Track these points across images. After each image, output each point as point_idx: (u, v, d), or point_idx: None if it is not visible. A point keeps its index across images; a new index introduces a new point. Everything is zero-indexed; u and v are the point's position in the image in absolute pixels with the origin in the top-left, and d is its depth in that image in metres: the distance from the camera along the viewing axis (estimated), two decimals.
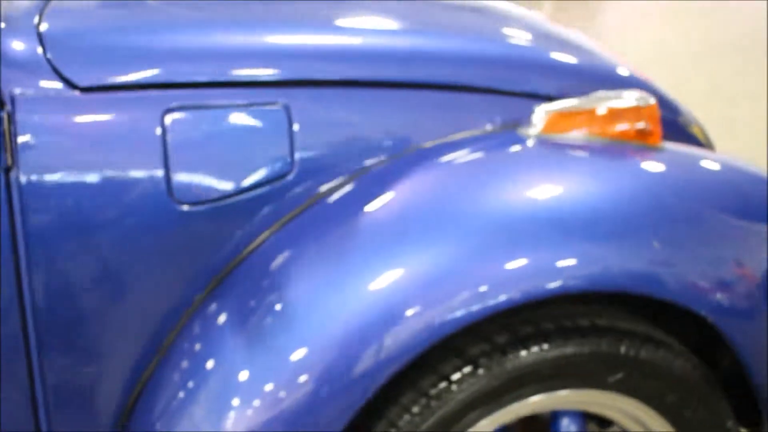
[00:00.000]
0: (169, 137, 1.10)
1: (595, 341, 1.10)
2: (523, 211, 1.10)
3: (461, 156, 1.19)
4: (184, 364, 1.10)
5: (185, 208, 1.11)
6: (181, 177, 1.10)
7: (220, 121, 1.13)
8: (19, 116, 1.04)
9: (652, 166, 1.21)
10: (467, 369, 1.06)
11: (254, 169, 1.14)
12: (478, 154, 1.19)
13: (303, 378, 1.01)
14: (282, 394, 1.01)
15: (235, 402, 1.03)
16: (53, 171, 1.05)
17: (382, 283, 1.03)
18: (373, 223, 1.12)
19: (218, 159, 1.13)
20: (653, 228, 1.12)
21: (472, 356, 1.07)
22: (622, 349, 1.11)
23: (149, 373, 1.13)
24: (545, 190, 1.13)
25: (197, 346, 1.10)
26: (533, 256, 1.05)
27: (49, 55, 1.08)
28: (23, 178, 1.04)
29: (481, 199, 1.12)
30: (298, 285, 1.07)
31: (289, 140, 1.15)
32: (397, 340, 1.01)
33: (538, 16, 1.69)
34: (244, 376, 1.04)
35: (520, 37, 1.43)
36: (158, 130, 1.09)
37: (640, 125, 1.24)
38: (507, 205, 1.12)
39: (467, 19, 1.50)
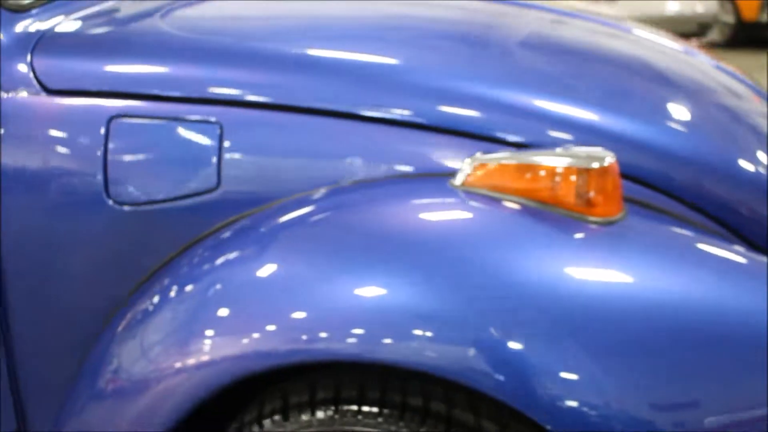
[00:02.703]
0: (111, 141, 1.20)
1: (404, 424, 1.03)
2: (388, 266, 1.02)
3: (370, 197, 1.15)
4: (102, 357, 1.17)
5: (118, 207, 1.21)
6: (117, 179, 1.20)
7: (158, 131, 1.21)
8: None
9: (555, 246, 1.04)
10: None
11: (183, 181, 1.20)
12: (387, 198, 1.14)
13: (155, 365, 1.09)
14: (129, 381, 1.11)
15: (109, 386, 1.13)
16: (20, 160, 1.22)
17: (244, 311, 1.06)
18: (268, 254, 1.11)
19: (152, 166, 1.21)
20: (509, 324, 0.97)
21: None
22: None
23: (79, 362, 1.22)
24: (420, 249, 1.04)
25: (114, 340, 1.17)
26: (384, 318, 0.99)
27: (34, 60, 1.24)
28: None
29: (366, 242, 1.07)
30: (195, 297, 1.12)
31: (217, 157, 1.20)
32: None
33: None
34: (115, 364, 1.14)
35: (507, 74, 1.33)
36: (102, 134, 1.20)
37: (578, 190, 1.07)
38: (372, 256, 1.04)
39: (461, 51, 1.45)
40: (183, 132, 1.21)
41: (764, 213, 1.27)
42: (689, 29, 7.25)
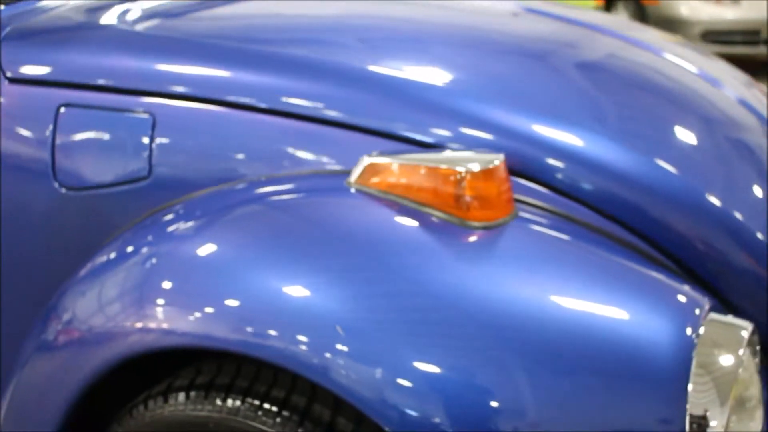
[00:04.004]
0: (59, 128, 1.34)
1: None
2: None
3: (273, 193, 1.19)
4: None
5: (64, 191, 1.34)
6: (62, 164, 1.34)
7: (98, 120, 1.34)
8: None
9: (425, 251, 1.05)
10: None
11: (117, 168, 1.32)
12: (286, 194, 1.18)
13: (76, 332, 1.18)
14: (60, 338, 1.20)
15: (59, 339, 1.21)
16: None
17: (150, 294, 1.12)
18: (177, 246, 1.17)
19: (91, 153, 1.34)
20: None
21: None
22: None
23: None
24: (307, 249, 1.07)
25: (63, 296, 1.24)
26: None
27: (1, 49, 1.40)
28: None
29: (257, 243, 1.10)
30: (116, 277, 1.19)
31: (149, 147, 1.31)
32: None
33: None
34: (61, 319, 1.21)
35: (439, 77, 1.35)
36: (51, 121, 1.35)
37: (456, 193, 1.08)
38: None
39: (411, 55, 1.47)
40: (118, 122, 1.33)
41: (721, 250, 1.24)
42: None
